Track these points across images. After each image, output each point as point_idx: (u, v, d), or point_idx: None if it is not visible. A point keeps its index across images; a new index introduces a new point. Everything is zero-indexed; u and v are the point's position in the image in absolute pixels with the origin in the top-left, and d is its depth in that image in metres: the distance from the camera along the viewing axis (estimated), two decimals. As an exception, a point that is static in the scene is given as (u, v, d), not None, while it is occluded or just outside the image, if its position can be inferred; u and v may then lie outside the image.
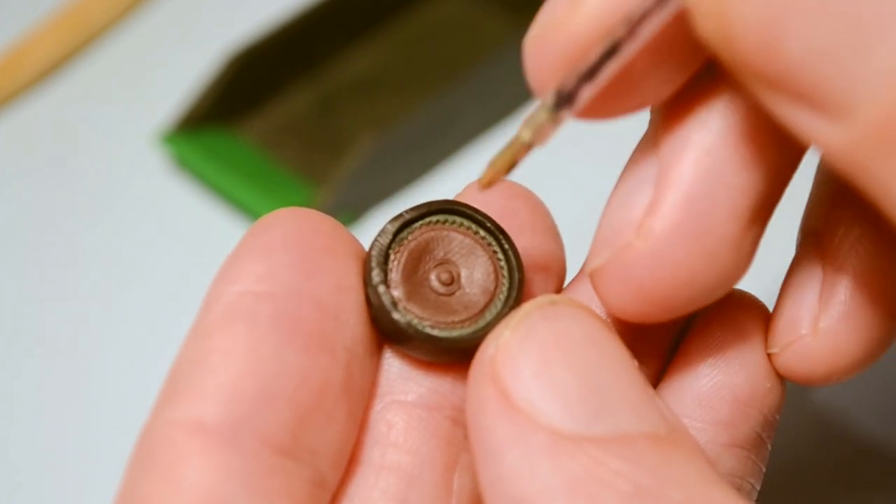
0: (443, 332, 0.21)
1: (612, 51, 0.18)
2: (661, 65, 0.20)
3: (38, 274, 0.45)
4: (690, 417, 0.22)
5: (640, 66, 0.19)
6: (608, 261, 0.21)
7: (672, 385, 0.23)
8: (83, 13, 0.52)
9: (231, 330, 0.20)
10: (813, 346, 0.22)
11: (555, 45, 0.19)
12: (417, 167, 0.46)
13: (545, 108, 0.19)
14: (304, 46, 0.48)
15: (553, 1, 0.19)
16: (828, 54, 0.16)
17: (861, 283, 0.22)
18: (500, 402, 0.19)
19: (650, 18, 0.18)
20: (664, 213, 0.20)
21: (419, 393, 0.22)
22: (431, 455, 0.21)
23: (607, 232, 0.21)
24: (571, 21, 0.19)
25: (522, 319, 0.20)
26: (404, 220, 0.22)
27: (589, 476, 0.18)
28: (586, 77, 0.19)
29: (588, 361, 0.20)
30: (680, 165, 0.20)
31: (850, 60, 0.16)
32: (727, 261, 0.20)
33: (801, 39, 0.16)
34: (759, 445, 0.23)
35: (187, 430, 0.19)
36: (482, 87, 0.46)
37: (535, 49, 0.20)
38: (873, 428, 0.37)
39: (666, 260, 0.20)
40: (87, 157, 0.49)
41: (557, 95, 0.19)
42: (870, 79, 0.16)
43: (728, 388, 0.22)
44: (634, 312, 0.21)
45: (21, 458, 0.40)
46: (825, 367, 0.22)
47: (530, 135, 0.20)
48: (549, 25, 0.19)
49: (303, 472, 0.20)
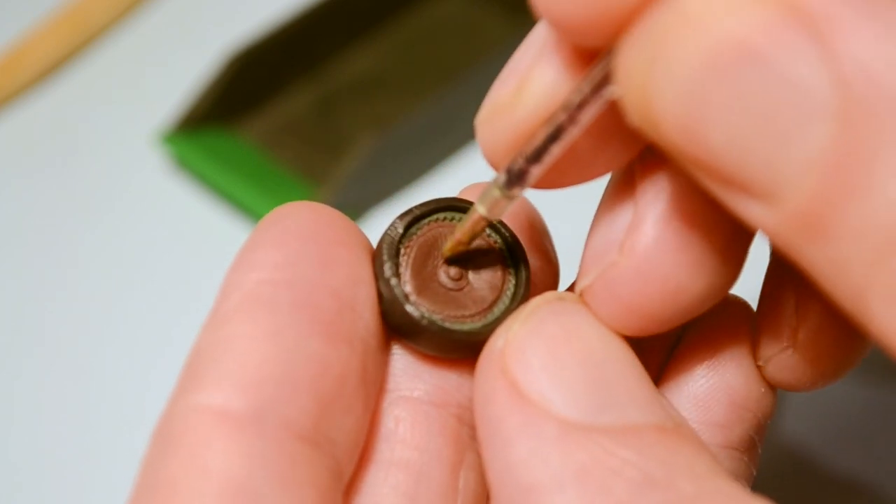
0: (455, 326, 0.22)
1: (555, 135, 0.19)
2: (606, 145, 0.20)
3: (38, 274, 0.45)
4: (687, 418, 0.22)
5: (586, 146, 0.20)
6: (595, 280, 0.21)
7: (668, 387, 0.23)
8: (83, 13, 0.52)
9: (252, 316, 0.20)
10: (794, 358, 0.22)
11: (502, 127, 0.20)
12: (417, 167, 0.46)
13: (497, 185, 0.20)
14: (304, 46, 0.48)
15: (499, 84, 0.20)
16: (748, 145, 0.16)
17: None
18: (509, 393, 0.20)
19: (588, 106, 0.19)
20: (645, 230, 0.20)
21: (425, 389, 0.22)
22: (438, 452, 0.21)
23: (593, 252, 0.21)
24: (516, 106, 0.20)
25: (531, 313, 0.20)
26: (414, 215, 0.22)
27: (599, 465, 0.19)
28: (533, 159, 0.20)
29: (595, 356, 0.20)
30: (658, 181, 0.20)
31: (770, 150, 0.16)
32: (713, 271, 0.20)
33: (721, 131, 0.17)
34: (752, 448, 0.23)
35: (211, 416, 0.19)
36: (482, 87, 0.46)
37: (484, 130, 0.21)
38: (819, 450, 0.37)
39: (651, 275, 0.20)
40: (87, 157, 0.49)
41: (508, 174, 0.20)
42: (790, 168, 0.16)
43: (724, 391, 0.23)
44: (628, 328, 0.21)
45: (21, 458, 0.40)
46: (809, 377, 0.23)
47: (485, 210, 0.21)
48: (495, 109, 0.20)
49: (324, 461, 0.20)
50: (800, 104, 0.16)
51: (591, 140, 0.20)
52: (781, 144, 0.16)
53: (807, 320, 0.22)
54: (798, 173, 0.16)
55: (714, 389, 0.23)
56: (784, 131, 0.16)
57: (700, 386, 0.23)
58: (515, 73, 0.20)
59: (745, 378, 0.23)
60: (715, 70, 0.16)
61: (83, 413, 0.41)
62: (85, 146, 0.49)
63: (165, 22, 0.53)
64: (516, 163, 0.20)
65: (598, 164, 0.21)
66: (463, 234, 0.22)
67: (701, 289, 0.21)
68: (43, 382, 0.42)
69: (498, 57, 0.46)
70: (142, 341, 0.43)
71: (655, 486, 0.18)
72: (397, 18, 0.50)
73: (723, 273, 0.21)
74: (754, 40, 0.16)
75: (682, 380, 0.23)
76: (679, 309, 0.21)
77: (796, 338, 0.22)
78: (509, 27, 0.49)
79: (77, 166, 0.48)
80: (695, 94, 0.17)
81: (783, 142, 0.16)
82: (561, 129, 0.19)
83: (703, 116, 0.17)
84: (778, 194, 0.17)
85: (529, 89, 0.20)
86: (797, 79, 0.16)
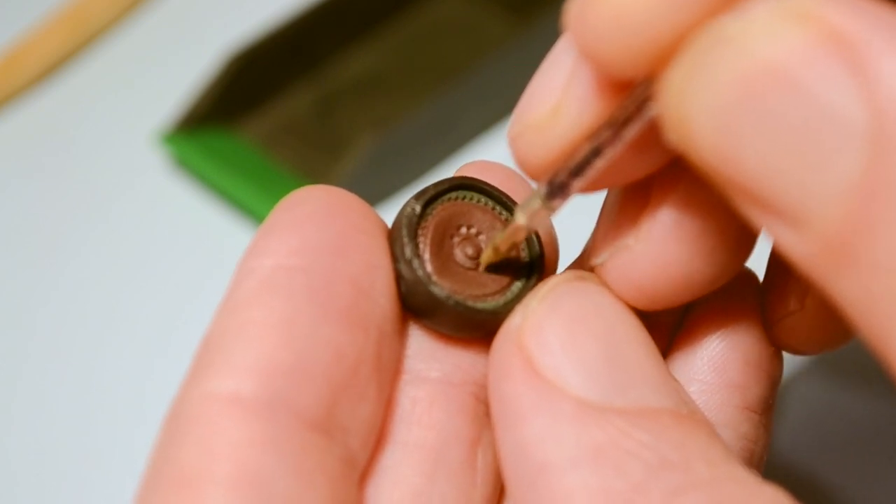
0: (478, 304, 0.22)
1: (598, 150, 0.20)
2: (642, 155, 0.20)
3: (37, 273, 0.45)
4: (703, 381, 0.22)
5: (624, 158, 0.20)
6: (608, 262, 0.21)
7: (682, 352, 0.23)
8: (83, 13, 0.52)
9: (266, 302, 0.20)
10: (803, 321, 0.22)
11: (539, 143, 0.20)
12: (417, 167, 0.46)
13: (539, 197, 0.21)
14: (304, 46, 0.48)
15: (530, 102, 0.21)
16: (780, 169, 0.17)
17: None
18: (525, 369, 0.20)
19: (632, 123, 0.19)
20: (661, 217, 0.21)
21: (442, 370, 0.22)
22: (456, 431, 0.21)
23: (606, 232, 0.22)
24: (553, 125, 0.20)
25: (550, 292, 0.21)
26: (429, 195, 0.22)
27: (615, 446, 0.19)
28: (576, 173, 0.20)
29: (613, 337, 0.20)
30: (675, 169, 0.20)
31: (802, 177, 0.16)
32: (727, 255, 0.21)
33: (753, 154, 0.17)
34: (768, 411, 0.23)
35: (223, 403, 0.19)
36: (482, 87, 0.46)
37: (520, 146, 0.21)
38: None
39: (665, 261, 0.21)
40: (86, 157, 0.49)
41: (550, 187, 0.20)
42: (822, 195, 0.16)
43: (738, 351, 0.23)
44: (637, 304, 0.21)
45: (21, 458, 0.40)
46: (816, 340, 0.23)
47: (525, 220, 0.21)
48: (531, 127, 0.20)
49: (335, 449, 0.20)
50: (833, 131, 0.16)
51: (628, 152, 0.20)
52: (813, 170, 0.16)
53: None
54: (829, 200, 0.16)
55: (728, 349, 0.23)
56: (816, 157, 0.16)
57: (714, 348, 0.23)
58: (548, 93, 0.20)
59: (756, 338, 0.23)
60: (750, 93, 0.16)
61: (83, 413, 0.41)
62: (85, 146, 0.49)
63: (165, 22, 0.53)
64: (559, 176, 0.20)
65: (631, 172, 0.21)
66: (502, 243, 0.22)
67: (713, 272, 0.21)
68: (42, 382, 0.42)
69: (498, 57, 0.46)
70: (141, 340, 0.43)
71: (671, 469, 0.19)
72: (397, 18, 0.50)
73: (735, 257, 0.21)
74: (790, 65, 0.16)
75: (695, 344, 0.23)
76: (690, 291, 0.21)
77: (805, 302, 0.22)
78: (509, 27, 0.49)
79: (77, 166, 0.48)
80: (729, 116, 0.17)
81: (815, 168, 0.16)
82: (605, 144, 0.20)
83: (737, 138, 0.17)
84: (808, 221, 0.17)
85: (566, 110, 0.20)
86: (831, 106, 0.16)
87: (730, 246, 0.21)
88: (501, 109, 0.47)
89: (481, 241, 0.22)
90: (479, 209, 0.23)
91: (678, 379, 0.22)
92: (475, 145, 0.47)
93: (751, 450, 0.23)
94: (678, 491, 0.18)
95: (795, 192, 0.17)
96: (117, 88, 0.51)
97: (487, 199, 0.23)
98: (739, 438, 0.22)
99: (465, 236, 0.22)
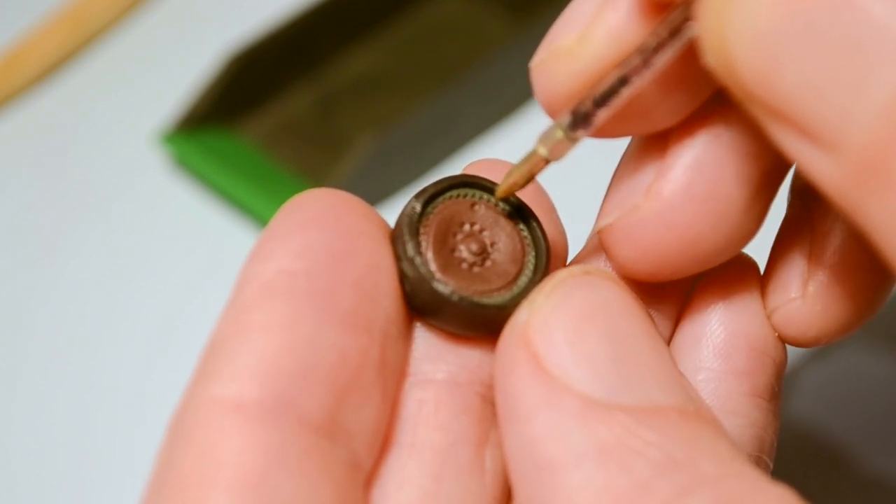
0: (484, 300, 0.21)
1: (626, 78, 0.19)
2: (671, 93, 0.20)
3: (37, 273, 0.45)
4: (710, 368, 0.22)
5: (652, 95, 0.20)
6: (616, 221, 0.21)
7: (687, 340, 0.23)
8: (83, 13, 0.52)
9: (269, 307, 0.20)
10: (803, 310, 0.22)
11: (564, 72, 0.20)
12: (417, 167, 0.46)
13: (561, 127, 0.20)
14: (304, 46, 0.48)
15: (558, 30, 0.20)
16: (821, 89, 0.16)
17: (851, 245, 0.22)
18: (531, 365, 0.19)
19: (664, 49, 0.19)
20: (673, 176, 0.20)
21: (448, 370, 0.22)
22: (463, 431, 0.21)
23: (616, 194, 0.22)
24: (579, 52, 0.20)
25: (556, 287, 0.20)
26: (429, 194, 0.22)
27: (620, 444, 0.19)
28: (601, 102, 0.20)
29: (620, 333, 0.20)
30: (690, 131, 0.20)
31: (842, 95, 0.16)
32: (735, 224, 0.21)
33: (795, 74, 0.17)
34: (775, 398, 0.23)
35: (226, 408, 0.19)
36: (482, 87, 0.46)
37: (542, 75, 0.20)
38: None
39: (673, 222, 0.20)
40: (87, 157, 0.49)
41: (574, 116, 0.20)
42: (860, 114, 0.16)
43: (743, 337, 0.23)
44: (641, 271, 0.21)
45: (21, 458, 0.40)
46: (815, 331, 0.23)
47: (546, 150, 0.21)
48: (558, 53, 0.20)
49: (340, 453, 0.20)
50: (880, 47, 0.16)
51: (656, 88, 0.20)
52: (856, 88, 0.16)
53: (819, 272, 0.22)
54: (866, 119, 0.16)
55: (733, 336, 0.23)
56: (860, 74, 0.16)
57: (718, 335, 0.23)
58: (577, 20, 0.20)
59: (760, 324, 0.23)
60: (797, 8, 0.16)
61: (83, 414, 0.41)
62: (85, 146, 0.49)
63: (165, 22, 0.53)
64: (584, 105, 0.20)
65: (659, 114, 0.20)
66: (520, 176, 0.21)
67: (720, 240, 0.21)
68: (42, 383, 0.42)
69: (498, 57, 0.46)
70: (141, 341, 0.43)
71: (677, 468, 0.18)
72: (397, 18, 0.50)
73: (742, 228, 0.21)
74: None
75: (699, 332, 0.23)
76: (695, 258, 0.21)
77: (806, 289, 0.22)
78: (509, 27, 0.49)
79: (77, 166, 0.48)
80: (771, 35, 0.17)
81: (858, 85, 0.16)
82: (633, 72, 0.19)
83: (779, 58, 0.17)
84: (843, 142, 0.16)
85: (595, 35, 0.20)
86: (876, 20, 0.16)
87: (739, 213, 0.20)
88: (501, 109, 0.47)
89: (484, 237, 0.22)
90: (481, 205, 0.23)
91: (685, 366, 0.22)
92: (475, 145, 0.47)
93: (761, 437, 0.23)
94: (684, 490, 0.18)
95: (833, 113, 0.16)
96: (117, 88, 0.51)
97: (489, 196, 0.23)
98: (749, 426, 0.22)
99: (468, 233, 0.22)
